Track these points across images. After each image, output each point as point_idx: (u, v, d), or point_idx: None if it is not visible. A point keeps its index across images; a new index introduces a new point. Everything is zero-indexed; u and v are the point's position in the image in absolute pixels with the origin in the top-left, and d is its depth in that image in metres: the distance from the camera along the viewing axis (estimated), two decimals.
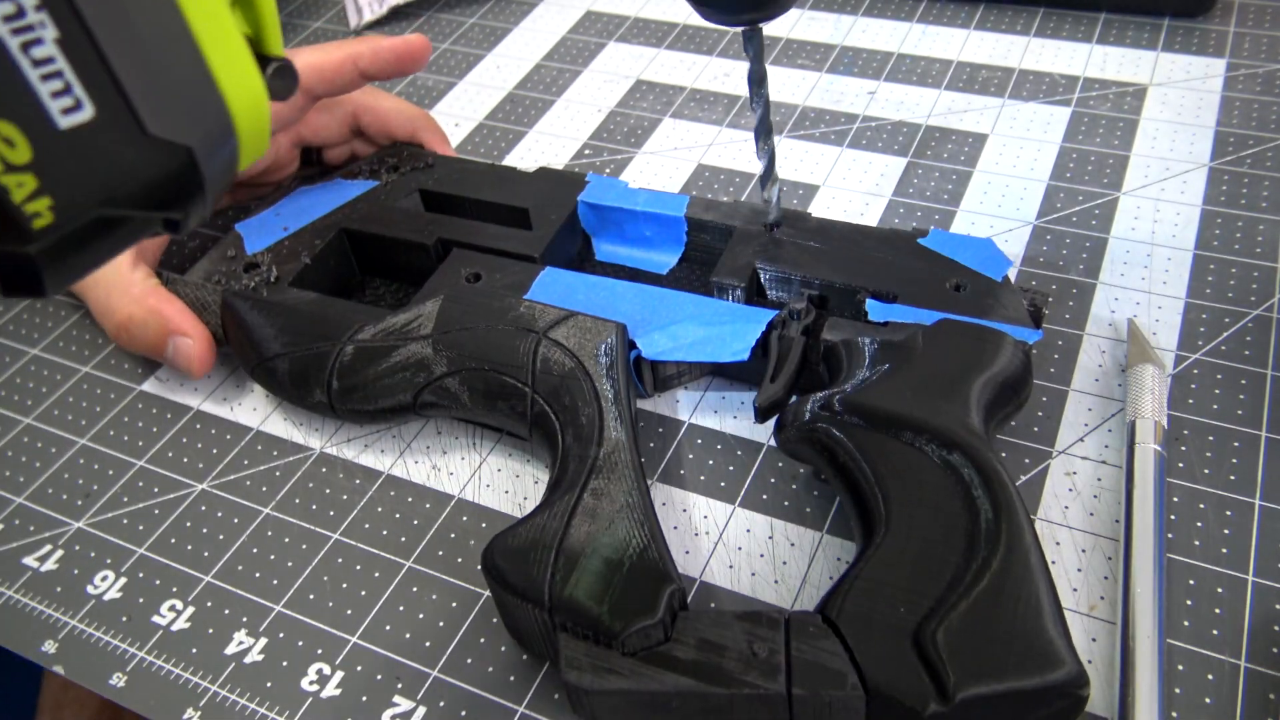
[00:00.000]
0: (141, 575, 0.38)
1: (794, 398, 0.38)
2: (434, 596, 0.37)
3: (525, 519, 0.33)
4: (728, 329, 0.39)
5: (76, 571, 0.39)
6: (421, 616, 0.36)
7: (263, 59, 0.27)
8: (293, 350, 0.41)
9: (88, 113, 0.21)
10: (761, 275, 0.41)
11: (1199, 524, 0.36)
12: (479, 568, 0.37)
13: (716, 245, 0.44)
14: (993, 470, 0.33)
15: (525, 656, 0.34)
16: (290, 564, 0.38)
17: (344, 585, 0.37)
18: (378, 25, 0.68)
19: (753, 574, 0.36)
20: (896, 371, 0.36)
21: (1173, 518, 0.36)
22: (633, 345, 0.39)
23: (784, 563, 0.36)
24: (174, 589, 0.38)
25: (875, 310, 0.39)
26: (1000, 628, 0.29)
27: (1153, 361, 0.38)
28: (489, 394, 0.38)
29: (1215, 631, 0.33)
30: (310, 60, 0.45)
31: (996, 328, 0.37)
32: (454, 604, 0.36)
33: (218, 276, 0.44)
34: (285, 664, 0.35)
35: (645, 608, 0.30)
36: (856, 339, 0.37)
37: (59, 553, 0.39)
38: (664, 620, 0.30)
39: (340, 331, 0.40)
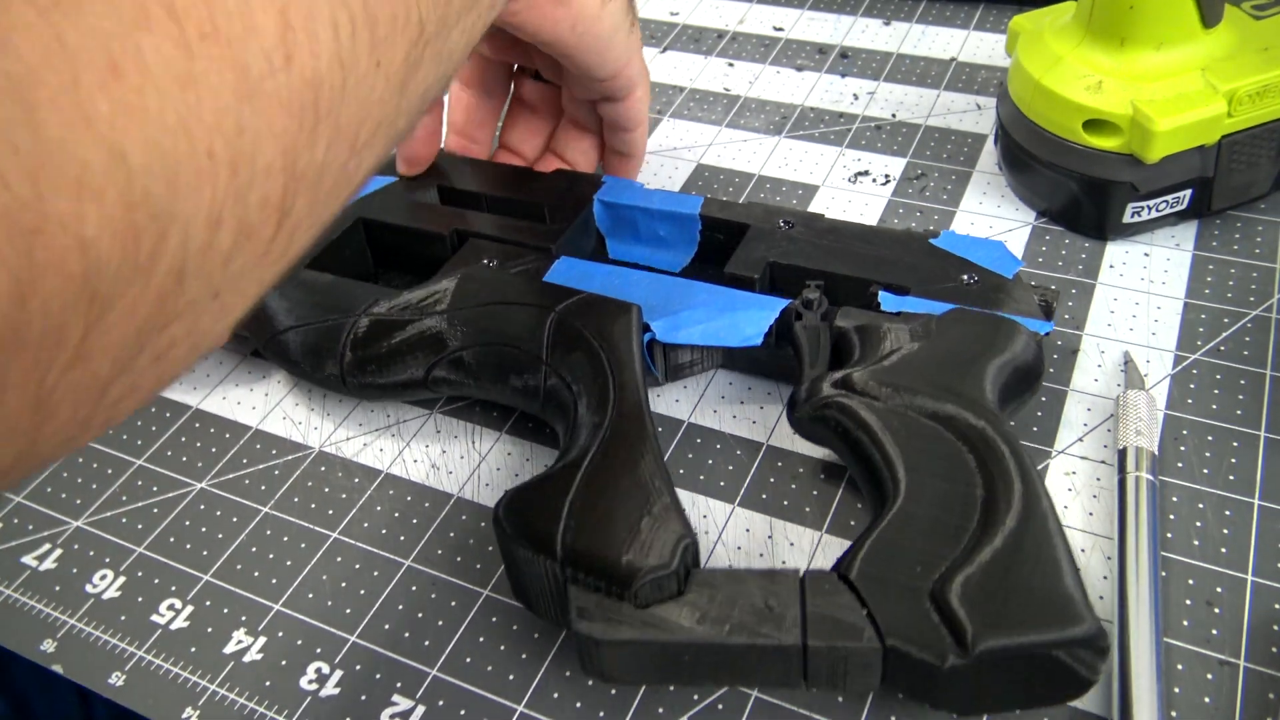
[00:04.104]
0: (140, 574, 0.38)
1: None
2: (433, 595, 0.37)
3: (537, 477, 0.33)
4: (741, 315, 0.39)
5: (75, 570, 0.39)
6: (420, 615, 0.36)
7: None
8: (306, 323, 0.41)
9: None
10: (775, 270, 0.41)
11: (1198, 523, 0.36)
12: (478, 566, 0.37)
13: (730, 244, 0.44)
14: (1008, 440, 0.32)
15: (525, 655, 0.34)
16: (289, 563, 0.38)
17: (343, 584, 0.37)
18: None
19: None
20: (911, 354, 0.36)
21: (1172, 517, 0.36)
22: (646, 328, 0.39)
23: (783, 562, 0.36)
24: (173, 588, 0.38)
25: (888, 302, 0.39)
26: (1019, 584, 0.29)
27: (1145, 390, 0.38)
28: (502, 369, 0.38)
29: (1214, 631, 0.33)
30: None
31: (1009, 318, 0.37)
32: (453, 603, 0.36)
33: None
34: (284, 663, 0.35)
35: (659, 557, 0.30)
36: (869, 324, 0.38)
37: (58, 551, 0.39)
38: (678, 571, 0.30)
39: (355, 306, 0.41)
